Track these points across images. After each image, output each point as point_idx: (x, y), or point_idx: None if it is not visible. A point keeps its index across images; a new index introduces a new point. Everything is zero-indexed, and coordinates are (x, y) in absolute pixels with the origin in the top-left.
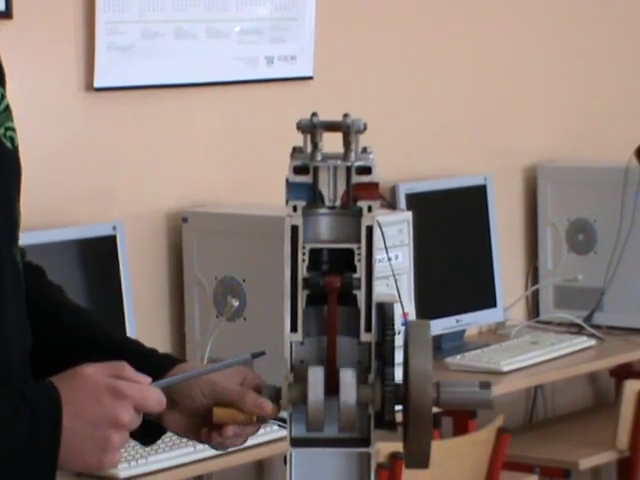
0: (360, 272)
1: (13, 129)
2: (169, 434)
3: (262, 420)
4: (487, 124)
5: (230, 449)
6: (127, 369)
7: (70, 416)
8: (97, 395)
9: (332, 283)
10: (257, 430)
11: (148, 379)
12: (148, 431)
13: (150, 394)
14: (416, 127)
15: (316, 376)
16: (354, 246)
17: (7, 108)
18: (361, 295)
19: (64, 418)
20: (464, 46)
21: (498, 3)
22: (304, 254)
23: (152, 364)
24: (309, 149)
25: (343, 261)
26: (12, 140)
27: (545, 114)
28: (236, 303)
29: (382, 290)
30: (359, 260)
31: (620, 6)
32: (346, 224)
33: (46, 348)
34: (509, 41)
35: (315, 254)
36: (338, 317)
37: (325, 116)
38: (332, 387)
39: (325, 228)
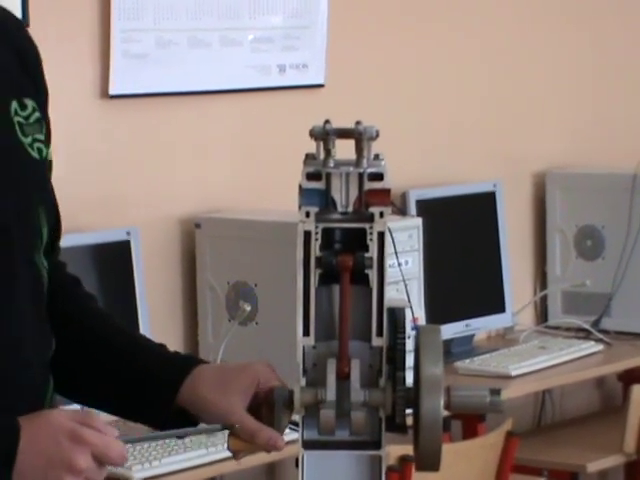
0: (372, 251)
1: (42, 141)
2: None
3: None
4: (496, 131)
5: None
6: (95, 419)
7: (25, 451)
8: (57, 437)
9: (345, 262)
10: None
11: (115, 432)
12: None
13: (113, 446)
14: (426, 134)
15: (330, 381)
16: (366, 225)
17: (38, 121)
18: (373, 274)
19: (19, 451)
20: (475, 54)
21: (510, 13)
22: (317, 233)
23: (173, 368)
24: (322, 156)
25: (356, 242)
26: (40, 151)
27: (554, 121)
28: (248, 307)
29: (392, 295)
30: (371, 240)
31: (628, 15)
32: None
33: (72, 354)
34: (519, 50)
35: (328, 235)
36: (350, 321)
37: (337, 123)
38: (343, 372)
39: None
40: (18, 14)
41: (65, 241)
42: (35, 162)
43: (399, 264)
